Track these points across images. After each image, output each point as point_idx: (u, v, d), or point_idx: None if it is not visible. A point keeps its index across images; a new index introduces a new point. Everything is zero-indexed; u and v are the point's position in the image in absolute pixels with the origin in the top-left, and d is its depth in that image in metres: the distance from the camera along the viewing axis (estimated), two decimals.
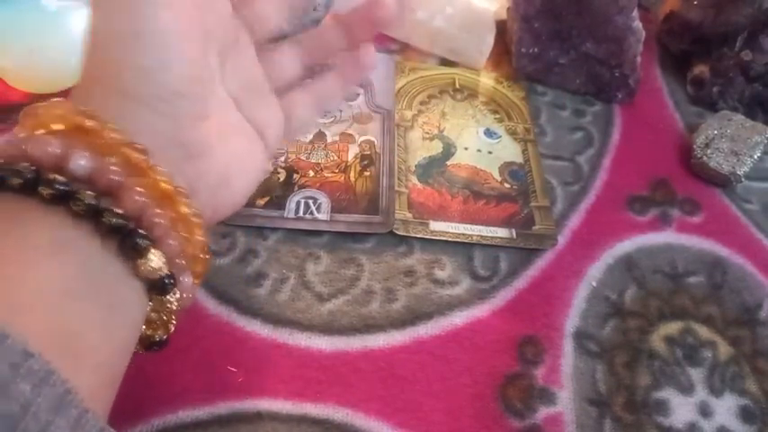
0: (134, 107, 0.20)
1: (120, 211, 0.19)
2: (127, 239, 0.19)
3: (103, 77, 0.20)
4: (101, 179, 0.19)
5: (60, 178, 0.18)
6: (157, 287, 0.21)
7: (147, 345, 0.23)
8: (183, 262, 0.21)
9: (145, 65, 0.20)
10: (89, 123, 0.19)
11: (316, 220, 0.34)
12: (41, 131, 0.19)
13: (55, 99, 0.20)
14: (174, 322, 0.23)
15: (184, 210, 0.21)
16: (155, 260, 0.20)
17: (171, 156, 0.21)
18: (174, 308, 0.22)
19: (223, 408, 0.27)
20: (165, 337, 0.23)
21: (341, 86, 0.29)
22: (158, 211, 0.20)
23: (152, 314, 0.22)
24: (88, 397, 0.18)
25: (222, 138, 0.24)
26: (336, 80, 0.29)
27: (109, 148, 0.19)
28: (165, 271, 0.20)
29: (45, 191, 0.18)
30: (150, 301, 0.21)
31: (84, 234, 0.19)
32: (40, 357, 0.16)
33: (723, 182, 0.40)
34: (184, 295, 0.23)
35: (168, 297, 0.21)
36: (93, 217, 0.19)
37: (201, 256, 0.23)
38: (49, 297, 0.18)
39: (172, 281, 0.21)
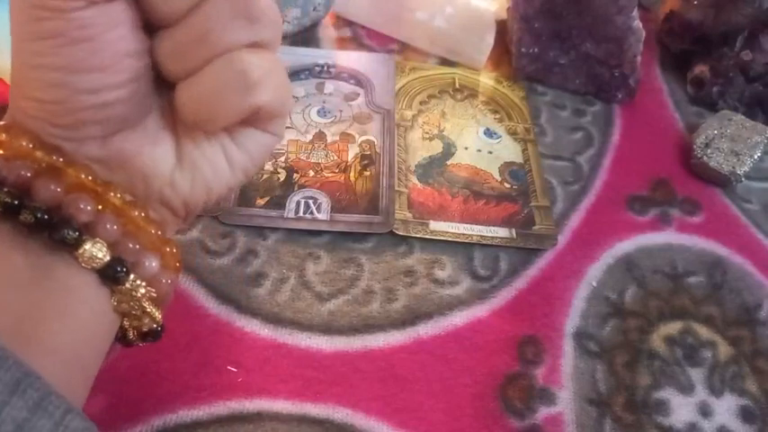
0: (43, 129, 0.20)
1: (38, 205, 0.19)
2: (54, 233, 0.19)
3: (15, 99, 0.20)
4: (10, 177, 0.19)
5: None
6: (108, 276, 0.20)
7: (142, 336, 0.23)
8: (137, 247, 0.21)
9: (45, 98, 0.19)
10: (1, 137, 0.19)
11: (316, 220, 0.34)
12: None
13: None
14: (157, 311, 0.23)
15: (116, 201, 0.20)
16: (90, 249, 0.20)
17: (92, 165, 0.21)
18: (143, 293, 0.21)
19: (223, 408, 0.27)
20: (155, 326, 0.23)
21: None
22: (81, 196, 0.20)
23: (122, 305, 0.21)
24: (52, 379, 0.17)
25: (164, 136, 0.22)
26: None
27: (22, 155, 0.19)
28: (108, 257, 0.20)
29: None
30: (113, 292, 0.21)
31: (6, 231, 0.19)
32: None
33: (723, 182, 0.40)
34: (163, 281, 0.22)
35: (128, 285, 0.21)
36: (13, 215, 0.19)
37: (164, 247, 0.22)
38: None
39: (122, 268, 0.20)
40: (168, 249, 0.22)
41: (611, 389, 0.30)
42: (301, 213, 0.35)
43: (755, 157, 0.40)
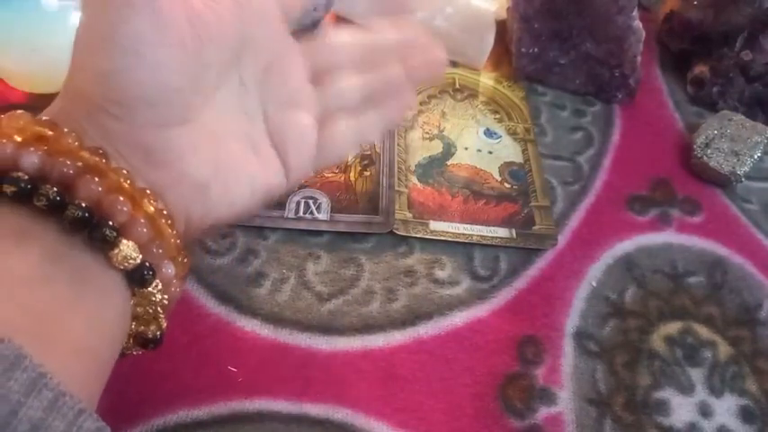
0: (92, 109, 0.21)
1: (83, 204, 0.19)
2: (94, 232, 0.20)
3: (72, 83, 0.21)
4: (53, 174, 0.19)
5: (22, 175, 0.19)
6: (136, 278, 0.21)
7: (142, 343, 0.23)
8: (161, 251, 0.21)
9: (106, 68, 0.20)
10: (48, 133, 0.20)
11: (316, 219, 0.35)
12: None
13: (18, 111, 0.20)
14: (164, 318, 0.23)
15: (149, 208, 0.21)
16: (125, 249, 0.20)
17: (130, 160, 0.21)
18: (159, 299, 0.22)
19: (223, 408, 0.27)
20: (158, 333, 0.23)
21: (383, 122, 0.28)
22: (119, 198, 0.20)
23: (138, 309, 0.22)
24: (69, 382, 0.18)
25: (207, 148, 0.23)
26: (379, 115, 0.28)
27: (66, 153, 0.20)
28: (139, 259, 0.21)
29: (8, 188, 0.18)
30: (133, 294, 0.21)
31: (48, 227, 0.19)
32: (10, 342, 0.16)
33: (723, 182, 0.40)
34: (172, 289, 0.23)
35: (150, 289, 0.21)
36: (57, 211, 0.19)
37: (178, 257, 0.23)
38: (11, 282, 0.18)
39: (149, 270, 0.21)
40: (182, 259, 0.23)
41: (611, 389, 0.30)
42: (301, 213, 0.35)
43: (755, 157, 0.40)
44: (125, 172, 0.21)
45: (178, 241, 0.22)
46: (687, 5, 0.46)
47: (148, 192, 0.21)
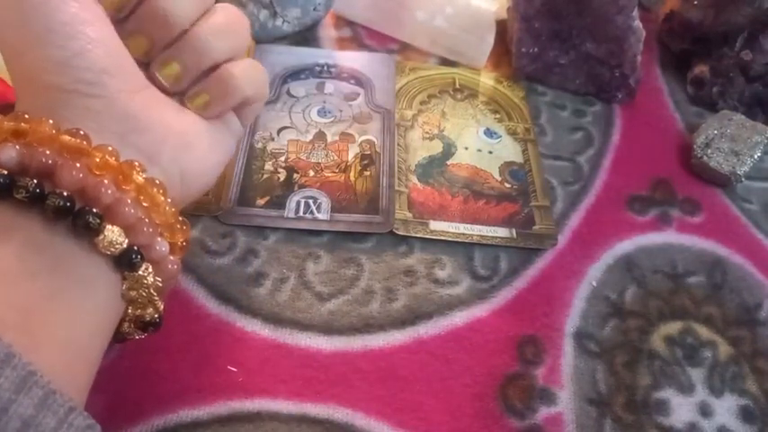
0: (66, 96, 0.21)
1: (63, 192, 0.19)
2: (77, 219, 0.20)
3: (29, 78, 0.21)
4: (32, 164, 0.19)
5: (1, 171, 0.19)
6: (123, 262, 0.21)
7: (142, 326, 0.23)
8: (151, 230, 0.22)
9: (62, 56, 0.20)
10: (25, 126, 0.20)
11: (316, 219, 0.34)
12: None
13: None
14: (160, 301, 0.23)
15: (140, 179, 0.21)
16: (110, 235, 0.20)
17: (118, 131, 0.22)
18: (151, 282, 0.22)
19: (223, 408, 0.27)
20: (156, 317, 0.23)
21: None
22: (104, 180, 0.20)
23: (131, 293, 0.22)
24: (57, 375, 0.18)
25: (171, 106, 0.24)
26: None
27: (46, 141, 0.20)
28: (125, 244, 0.21)
29: None
30: (124, 279, 0.21)
31: (32, 218, 0.19)
32: None
33: (723, 182, 0.40)
34: (169, 266, 0.23)
35: (141, 272, 0.22)
36: (39, 202, 0.19)
37: (176, 224, 0.23)
38: None
39: (137, 254, 0.21)
40: (180, 226, 0.23)
41: (611, 389, 0.30)
42: (301, 213, 0.35)
43: (755, 157, 0.40)
44: (110, 149, 0.21)
45: (173, 209, 0.23)
46: (687, 5, 0.46)
47: (137, 163, 0.21)
